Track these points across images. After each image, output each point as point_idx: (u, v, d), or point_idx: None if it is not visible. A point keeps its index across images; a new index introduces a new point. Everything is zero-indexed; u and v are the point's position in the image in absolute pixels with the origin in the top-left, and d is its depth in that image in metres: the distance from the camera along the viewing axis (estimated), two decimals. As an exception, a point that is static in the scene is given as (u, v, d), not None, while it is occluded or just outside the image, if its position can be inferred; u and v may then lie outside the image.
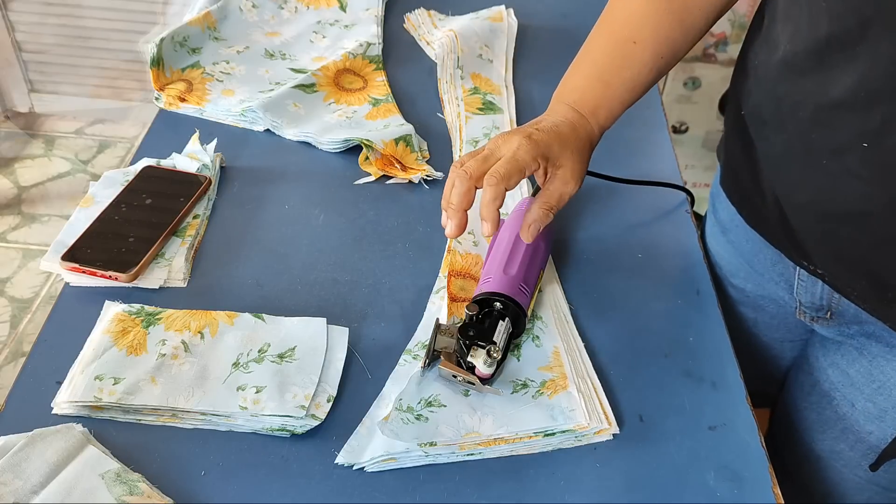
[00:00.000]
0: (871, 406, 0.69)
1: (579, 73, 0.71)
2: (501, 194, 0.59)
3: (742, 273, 0.79)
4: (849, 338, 0.71)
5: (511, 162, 0.60)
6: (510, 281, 0.62)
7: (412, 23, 1.04)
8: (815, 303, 0.71)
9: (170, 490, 0.53)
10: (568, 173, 0.64)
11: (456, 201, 0.61)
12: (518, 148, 0.61)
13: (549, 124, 0.65)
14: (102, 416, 0.57)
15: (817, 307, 0.72)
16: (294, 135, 0.84)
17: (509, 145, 0.62)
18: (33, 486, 0.51)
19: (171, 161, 0.78)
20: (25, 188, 2.04)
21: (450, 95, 0.91)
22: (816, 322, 0.73)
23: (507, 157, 0.61)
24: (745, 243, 0.76)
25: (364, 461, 0.55)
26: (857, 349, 0.70)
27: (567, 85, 0.71)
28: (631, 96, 0.70)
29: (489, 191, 0.59)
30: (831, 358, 0.73)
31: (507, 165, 0.60)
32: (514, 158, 0.60)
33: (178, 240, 0.70)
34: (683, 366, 0.64)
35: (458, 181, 0.61)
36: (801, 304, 0.73)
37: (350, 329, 0.64)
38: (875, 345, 0.68)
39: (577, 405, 0.58)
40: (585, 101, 0.68)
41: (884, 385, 0.68)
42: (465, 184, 0.60)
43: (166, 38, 0.89)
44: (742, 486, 0.56)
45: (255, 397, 0.58)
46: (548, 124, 0.65)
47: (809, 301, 0.72)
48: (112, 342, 0.60)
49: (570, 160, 0.64)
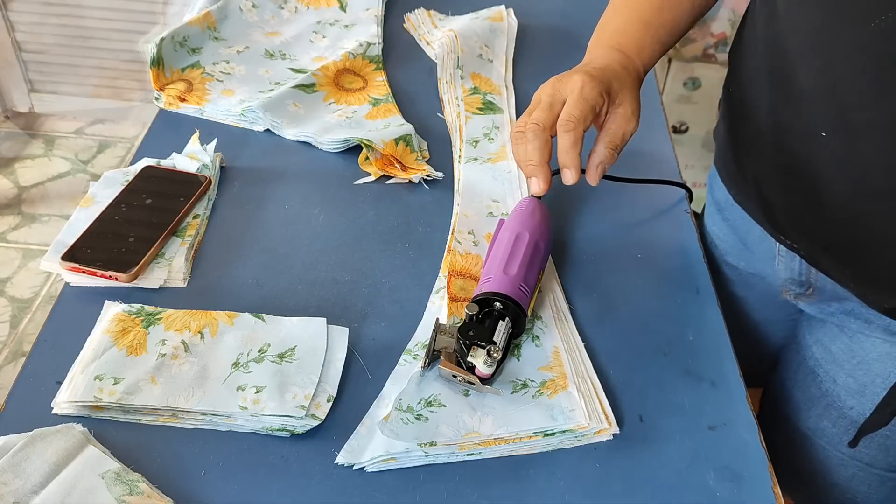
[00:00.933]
0: (852, 381, 0.70)
1: (618, 17, 0.70)
2: (580, 138, 0.57)
3: (735, 251, 0.80)
4: (830, 315, 0.72)
5: (581, 101, 0.58)
6: (510, 281, 0.62)
7: (412, 23, 1.04)
8: (796, 278, 0.73)
9: (170, 490, 0.53)
10: (629, 110, 0.62)
11: (537, 156, 0.58)
12: (582, 86, 0.59)
13: (599, 63, 0.63)
14: (102, 416, 0.57)
15: (798, 282, 0.73)
16: (294, 135, 0.84)
17: (570, 85, 0.59)
18: (33, 485, 0.51)
19: (171, 161, 0.78)
20: (25, 188, 2.04)
21: (450, 95, 0.91)
22: (800, 299, 0.75)
23: (574, 97, 0.58)
24: (738, 221, 0.78)
25: (364, 461, 0.55)
26: (839, 326, 0.71)
27: (606, 29, 0.70)
28: (671, 38, 0.70)
29: (568, 136, 0.57)
30: (815, 335, 0.75)
31: (578, 106, 0.58)
32: (583, 97, 0.58)
33: (178, 240, 0.70)
34: (683, 365, 0.64)
35: (533, 135, 0.58)
36: (784, 280, 0.74)
37: (350, 329, 0.64)
38: (854, 321, 0.70)
39: (577, 405, 0.58)
40: (629, 42, 0.67)
41: (863, 360, 0.69)
42: (540, 136, 0.58)
43: (166, 38, 0.89)
44: (742, 486, 0.56)
45: (255, 397, 0.58)
46: (598, 63, 0.63)
47: (790, 276, 0.73)
48: (112, 342, 0.60)
49: (628, 97, 0.62)
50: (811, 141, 0.59)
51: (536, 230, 0.67)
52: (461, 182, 0.79)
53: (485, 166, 0.81)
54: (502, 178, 0.80)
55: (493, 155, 0.82)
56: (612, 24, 0.70)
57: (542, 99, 0.61)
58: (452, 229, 0.74)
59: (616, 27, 0.69)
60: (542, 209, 0.70)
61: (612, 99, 0.61)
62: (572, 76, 0.60)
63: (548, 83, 0.61)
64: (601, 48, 0.68)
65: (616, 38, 0.68)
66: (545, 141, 0.58)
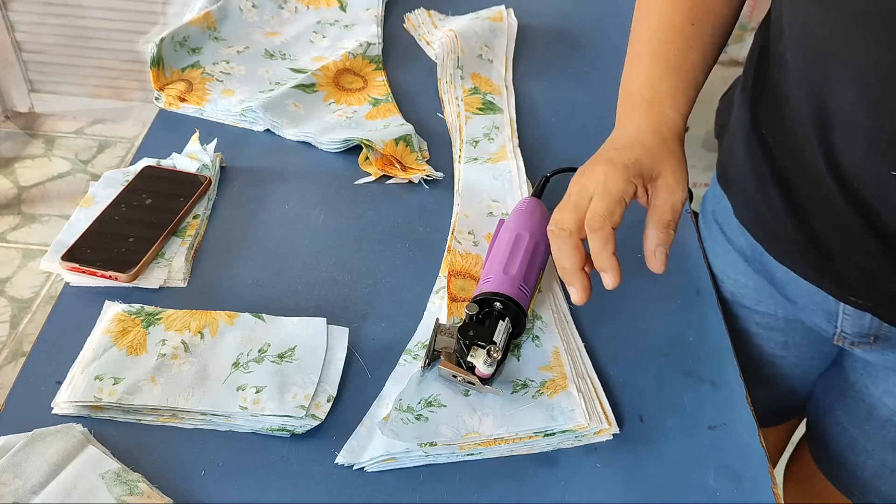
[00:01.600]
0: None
1: (643, 68, 0.65)
2: (610, 236, 0.53)
3: (772, 301, 0.76)
4: (890, 359, 0.69)
5: (605, 195, 0.54)
6: (510, 281, 0.62)
7: (412, 23, 1.04)
8: (863, 332, 0.69)
9: (170, 490, 0.53)
10: (670, 180, 0.57)
11: (568, 264, 0.55)
12: (605, 178, 0.55)
13: (627, 139, 0.59)
14: (102, 416, 0.57)
15: (862, 335, 0.69)
16: (294, 135, 0.84)
17: (594, 179, 0.55)
18: (33, 486, 0.51)
19: (171, 161, 0.78)
20: (25, 188, 2.04)
21: (450, 95, 0.91)
22: (859, 347, 0.71)
23: (598, 192, 0.54)
24: (777, 273, 0.72)
25: (364, 461, 0.55)
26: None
27: (632, 84, 0.65)
28: (702, 77, 0.65)
29: (596, 238, 0.53)
30: (883, 386, 0.72)
31: (604, 202, 0.54)
32: (607, 191, 0.54)
33: (178, 240, 0.70)
34: (683, 365, 0.64)
35: (560, 241, 0.55)
36: (843, 332, 0.70)
37: (350, 329, 0.64)
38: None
39: (576, 405, 0.58)
40: (660, 94, 0.62)
41: None
42: (567, 241, 0.54)
43: (166, 38, 0.89)
44: (742, 486, 0.56)
45: (255, 397, 0.58)
46: (626, 139, 0.59)
47: (855, 331, 0.69)
48: (112, 342, 0.60)
49: (666, 166, 0.58)
50: (883, 184, 0.55)
51: (536, 230, 0.67)
52: (461, 182, 0.79)
53: (485, 166, 0.81)
54: (502, 178, 0.80)
55: (493, 155, 0.82)
56: (637, 77, 0.65)
57: (570, 196, 0.56)
58: (452, 229, 0.74)
59: (642, 80, 0.64)
60: (542, 209, 0.70)
61: (648, 176, 0.56)
62: (595, 167, 0.55)
63: (576, 175, 0.57)
64: (631, 110, 0.63)
65: (645, 92, 0.63)
66: (574, 245, 0.54)
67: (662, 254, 0.55)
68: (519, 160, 0.81)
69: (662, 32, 0.65)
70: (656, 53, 0.64)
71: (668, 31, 0.65)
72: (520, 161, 0.81)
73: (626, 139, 0.59)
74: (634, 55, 0.67)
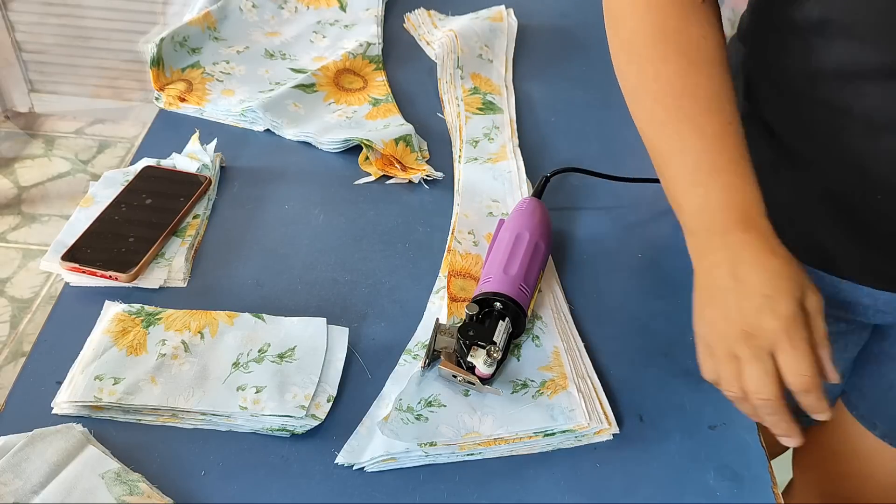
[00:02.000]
0: None
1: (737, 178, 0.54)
2: (819, 387, 0.49)
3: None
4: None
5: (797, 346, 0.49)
6: (510, 281, 0.62)
7: (412, 23, 1.04)
8: None
9: (170, 490, 0.53)
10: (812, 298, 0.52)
11: (783, 427, 0.51)
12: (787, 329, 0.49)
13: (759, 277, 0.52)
14: (102, 416, 0.57)
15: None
16: (294, 135, 0.84)
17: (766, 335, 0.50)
18: (33, 486, 0.51)
19: (171, 161, 0.78)
20: (25, 188, 2.04)
21: (450, 95, 0.91)
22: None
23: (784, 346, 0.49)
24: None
25: (364, 461, 0.55)
26: None
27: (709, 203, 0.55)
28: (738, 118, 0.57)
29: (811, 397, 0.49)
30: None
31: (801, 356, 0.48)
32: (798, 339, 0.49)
33: (178, 240, 0.70)
34: (683, 365, 0.64)
35: (771, 412, 0.50)
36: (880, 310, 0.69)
37: (350, 329, 0.64)
38: None
39: (576, 405, 0.58)
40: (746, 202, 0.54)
41: None
42: (780, 409, 0.50)
43: (166, 38, 0.89)
44: (742, 486, 0.56)
45: (255, 397, 0.58)
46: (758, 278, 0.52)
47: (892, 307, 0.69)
48: (112, 342, 0.60)
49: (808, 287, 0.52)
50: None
51: (536, 230, 0.67)
52: (461, 182, 0.79)
53: (485, 166, 0.81)
54: (502, 178, 0.80)
55: (493, 155, 0.82)
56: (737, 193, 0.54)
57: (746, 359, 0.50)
58: (452, 229, 0.74)
59: (745, 198, 0.54)
60: (542, 209, 0.70)
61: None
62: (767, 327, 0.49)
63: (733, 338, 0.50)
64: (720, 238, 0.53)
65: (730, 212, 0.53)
66: (783, 408, 0.50)
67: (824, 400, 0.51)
68: (519, 160, 0.81)
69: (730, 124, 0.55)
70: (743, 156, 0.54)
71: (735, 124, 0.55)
72: (520, 161, 0.81)
73: (757, 279, 0.51)
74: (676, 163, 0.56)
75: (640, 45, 0.58)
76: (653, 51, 0.57)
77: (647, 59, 0.58)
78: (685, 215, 0.57)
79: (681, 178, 0.57)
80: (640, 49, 0.58)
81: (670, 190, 0.58)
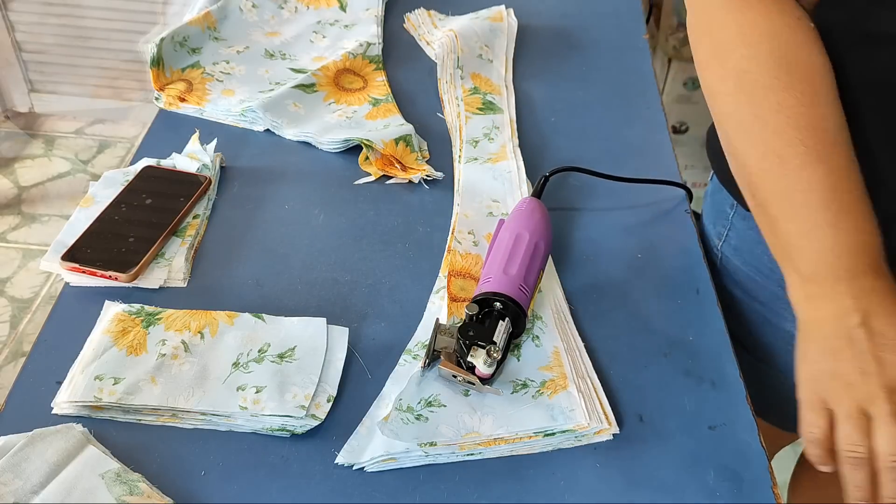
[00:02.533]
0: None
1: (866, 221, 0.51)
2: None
3: None
4: None
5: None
6: (510, 281, 0.62)
7: (412, 23, 1.04)
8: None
9: (170, 490, 0.53)
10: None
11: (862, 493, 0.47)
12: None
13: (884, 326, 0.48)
14: (102, 416, 0.57)
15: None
16: (294, 135, 0.84)
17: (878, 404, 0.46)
18: (33, 486, 0.51)
19: (171, 161, 0.78)
20: (25, 188, 2.04)
21: (450, 95, 0.91)
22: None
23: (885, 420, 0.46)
24: None
25: (364, 461, 0.55)
26: None
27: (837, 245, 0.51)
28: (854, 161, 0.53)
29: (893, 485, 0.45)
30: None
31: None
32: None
33: (178, 240, 0.70)
34: (683, 365, 0.64)
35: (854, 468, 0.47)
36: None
37: (350, 329, 0.64)
38: None
39: (576, 405, 0.58)
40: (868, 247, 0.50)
41: None
42: (864, 468, 0.47)
43: (166, 38, 0.89)
44: (742, 486, 0.56)
45: (255, 397, 0.58)
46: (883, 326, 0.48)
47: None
48: (112, 342, 0.60)
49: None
50: None
51: (536, 230, 0.67)
52: (461, 182, 0.79)
53: (485, 166, 0.81)
54: (502, 178, 0.80)
55: (493, 155, 0.82)
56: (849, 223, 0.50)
57: (848, 416, 0.47)
58: (452, 229, 0.74)
59: (856, 226, 0.50)
60: (542, 209, 0.70)
61: None
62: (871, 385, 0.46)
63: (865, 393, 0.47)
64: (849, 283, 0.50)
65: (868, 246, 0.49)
66: (870, 474, 0.46)
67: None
68: (519, 160, 0.81)
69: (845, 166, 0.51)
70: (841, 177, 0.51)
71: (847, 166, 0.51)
72: (520, 161, 0.81)
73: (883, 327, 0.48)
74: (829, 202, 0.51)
75: (755, 72, 0.53)
76: (774, 80, 0.52)
77: (767, 88, 0.53)
78: (803, 258, 0.52)
79: (802, 219, 0.52)
80: (756, 77, 0.53)
81: (783, 230, 0.53)
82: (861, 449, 0.47)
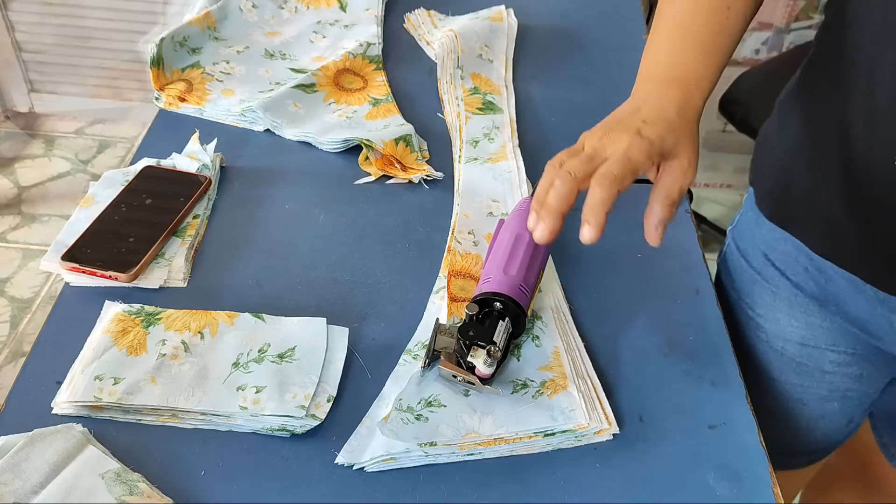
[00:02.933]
0: None
1: (673, 46, 0.64)
2: (614, 197, 0.53)
3: (849, 338, 0.74)
4: None
5: (624, 162, 0.54)
6: (510, 281, 0.62)
7: (412, 23, 1.04)
8: None
9: (170, 490, 0.53)
10: (685, 162, 0.57)
11: (556, 204, 0.54)
12: (629, 147, 0.54)
13: (654, 113, 0.59)
14: (102, 416, 0.57)
15: None
16: (294, 135, 0.84)
17: (617, 144, 0.55)
18: (33, 486, 0.51)
19: (171, 161, 0.78)
20: (25, 188, 2.04)
21: (450, 95, 0.91)
22: None
23: (618, 156, 0.54)
24: (851, 309, 0.71)
25: (364, 461, 0.55)
26: None
27: (659, 60, 0.64)
28: (726, 62, 0.65)
29: (601, 191, 0.53)
30: None
31: (621, 166, 0.53)
32: (628, 158, 0.54)
33: (178, 240, 0.70)
34: (683, 365, 0.64)
35: (560, 181, 0.54)
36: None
37: (350, 329, 0.64)
38: None
39: (577, 405, 0.58)
40: (689, 74, 0.62)
41: None
42: (567, 185, 0.54)
43: (166, 38, 0.89)
44: (742, 486, 0.56)
45: (255, 397, 0.58)
46: (653, 114, 0.59)
47: None
48: (112, 342, 0.60)
49: (684, 148, 0.58)
50: None
51: (536, 230, 0.67)
52: (461, 182, 0.79)
53: (485, 166, 0.81)
54: (502, 178, 0.80)
55: (493, 155, 0.82)
56: (665, 54, 0.64)
57: (584, 148, 0.56)
58: (452, 229, 0.74)
59: (672, 59, 0.63)
60: (542, 209, 0.70)
61: (666, 155, 0.57)
62: (620, 135, 0.55)
63: (595, 132, 0.57)
64: (655, 84, 0.62)
65: (673, 71, 0.62)
66: (571, 190, 0.54)
67: (662, 229, 0.56)
68: (519, 160, 0.81)
69: (698, 12, 0.64)
70: (689, 32, 0.64)
71: (705, 12, 0.64)
72: (520, 161, 0.81)
73: (651, 113, 0.58)
74: (665, 28, 0.65)
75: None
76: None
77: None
78: (643, 65, 0.65)
79: (652, 39, 0.66)
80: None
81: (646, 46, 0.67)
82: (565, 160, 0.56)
